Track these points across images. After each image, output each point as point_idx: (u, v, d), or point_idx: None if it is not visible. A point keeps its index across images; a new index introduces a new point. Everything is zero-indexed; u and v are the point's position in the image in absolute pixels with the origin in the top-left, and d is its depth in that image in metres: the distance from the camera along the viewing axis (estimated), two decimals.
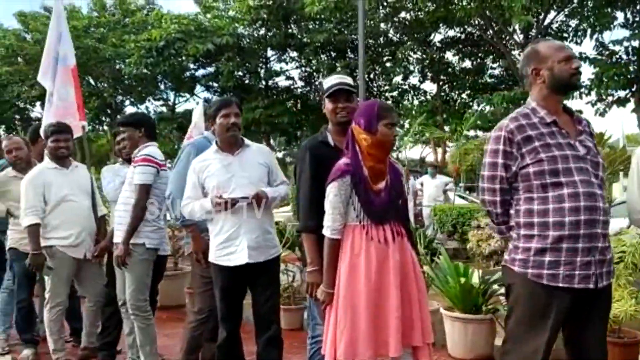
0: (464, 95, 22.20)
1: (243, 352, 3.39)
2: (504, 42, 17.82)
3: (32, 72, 22.21)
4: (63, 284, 4.00)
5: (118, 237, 3.63)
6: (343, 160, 2.59)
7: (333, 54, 21.15)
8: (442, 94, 22.28)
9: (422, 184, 11.59)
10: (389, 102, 22.06)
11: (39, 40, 21.19)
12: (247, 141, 3.32)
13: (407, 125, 21.74)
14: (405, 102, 22.88)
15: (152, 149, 3.65)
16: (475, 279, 4.29)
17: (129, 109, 25.21)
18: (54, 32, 4.56)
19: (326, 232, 2.60)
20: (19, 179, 4.10)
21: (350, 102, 2.89)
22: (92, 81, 24.02)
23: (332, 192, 2.56)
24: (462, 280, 4.01)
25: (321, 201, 2.69)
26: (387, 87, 22.47)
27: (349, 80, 2.96)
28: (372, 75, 21.69)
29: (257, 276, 3.20)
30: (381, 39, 20.76)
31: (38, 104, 27.48)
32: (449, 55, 21.62)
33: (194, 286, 3.57)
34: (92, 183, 4.18)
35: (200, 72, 22.39)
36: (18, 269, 4.23)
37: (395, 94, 22.41)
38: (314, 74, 22.25)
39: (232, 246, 3.13)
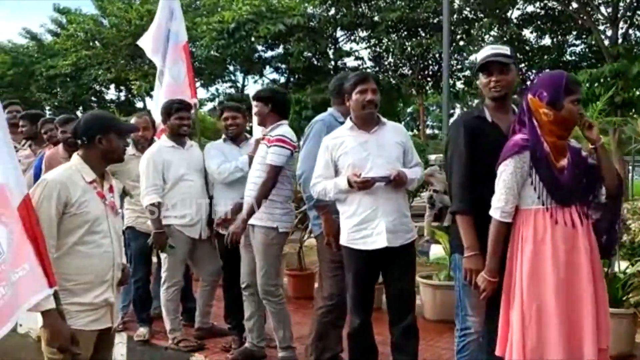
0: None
1: (375, 341, 3.22)
2: (589, 16, 16.72)
3: (108, 56, 22.91)
4: (179, 263, 4.00)
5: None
6: (519, 135, 2.32)
7: (404, 34, 20.53)
8: (519, 73, 21.27)
9: None
10: (461, 81, 21.41)
11: (116, 25, 21.74)
12: (383, 119, 3.11)
13: None
14: (478, 82, 21.95)
15: (285, 129, 3.51)
16: None
17: (200, 92, 25.53)
18: (165, 9, 4.49)
19: (495, 214, 2.35)
20: (138, 158, 4.07)
21: (506, 74, 2.62)
22: None
23: (507, 170, 2.30)
24: (605, 270, 3.66)
25: (477, 180, 2.47)
26: (459, 66, 21.68)
27: (504, 50, 2.69)
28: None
29: (392, 261, 3.02)
30: (454, 16, 19.96)
31: (112, 86, 28.43)
32: (527, 33, 20.57)
33: (322, 271, 3.42)
34: (204, 163, 4.09)
35: (269, 53, 22.34)
36: (135, 248, 4.22)
37: (468, 73, 21.61)
38: (384, 54, 21.73)
39: (368, 228, 2.95)
